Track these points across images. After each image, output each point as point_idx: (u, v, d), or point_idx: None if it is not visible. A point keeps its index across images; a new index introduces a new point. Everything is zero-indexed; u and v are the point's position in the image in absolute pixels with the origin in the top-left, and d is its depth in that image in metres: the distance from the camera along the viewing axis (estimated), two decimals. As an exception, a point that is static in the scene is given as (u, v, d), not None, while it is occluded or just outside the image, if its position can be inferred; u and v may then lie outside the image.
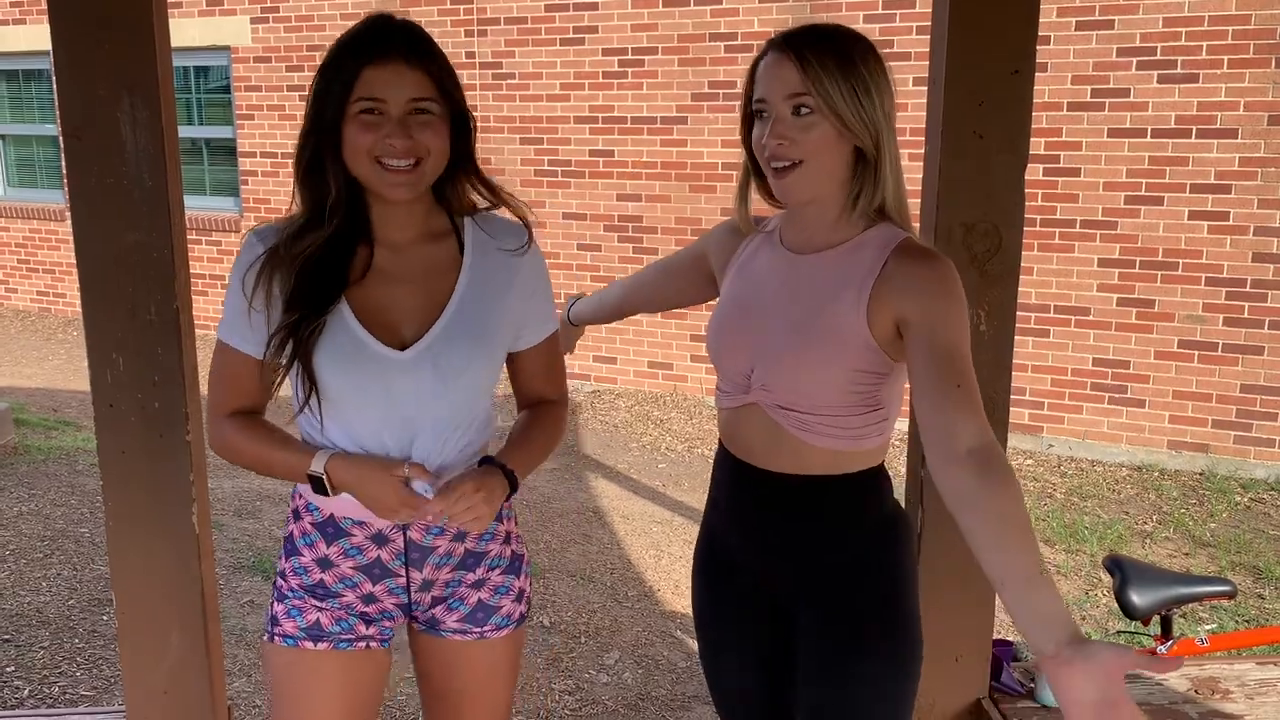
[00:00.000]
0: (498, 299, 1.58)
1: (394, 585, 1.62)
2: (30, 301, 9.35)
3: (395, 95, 1.44)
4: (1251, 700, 2.34)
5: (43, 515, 4.55)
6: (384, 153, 1.44)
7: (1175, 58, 5.33)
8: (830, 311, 1.48)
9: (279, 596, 1.63)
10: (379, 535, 1.59)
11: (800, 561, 1.59)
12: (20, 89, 9.19)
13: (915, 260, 1.45)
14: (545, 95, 6.94)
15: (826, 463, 1.53)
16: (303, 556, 1.61)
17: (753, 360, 1.54)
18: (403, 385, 1.51)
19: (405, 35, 1.47)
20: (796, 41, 1.46)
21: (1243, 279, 5.38)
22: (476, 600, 1.66)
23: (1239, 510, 5.08)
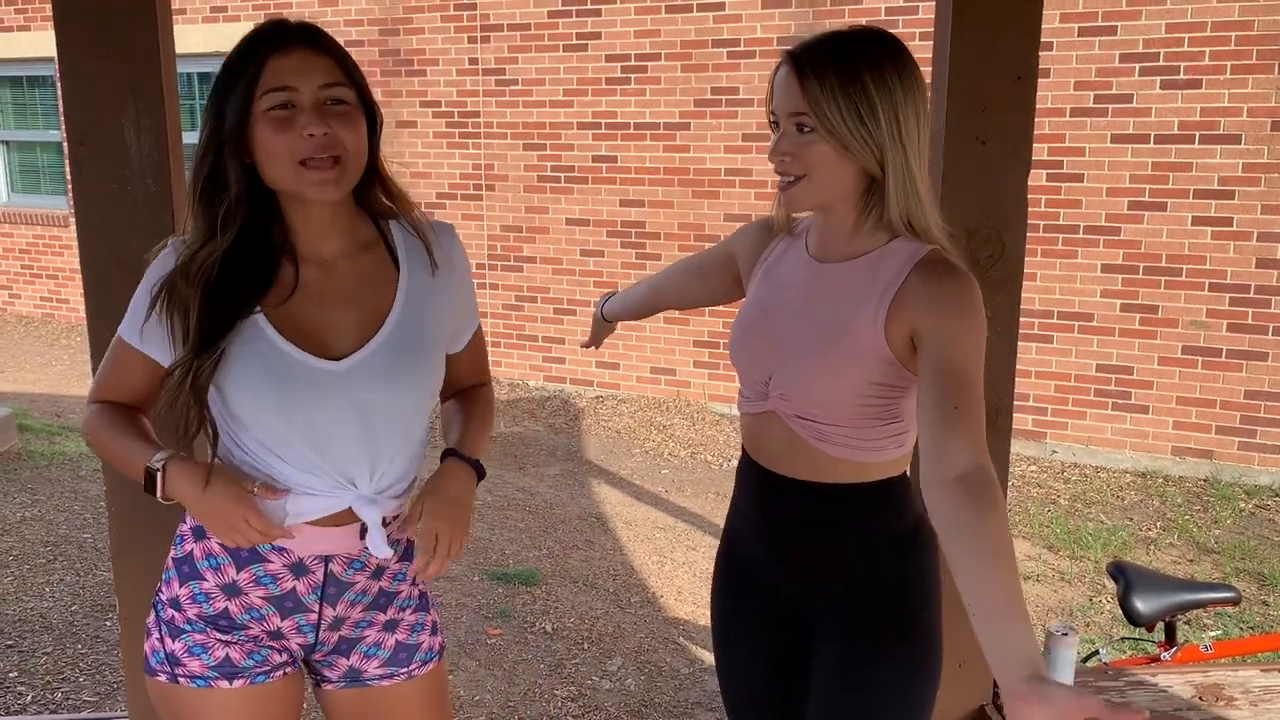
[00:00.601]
0: (435, 305, 1.50)
1: (303, 623, 1.50)
2: (34, 307, 9.36)
3: (305, 82, 1.34)
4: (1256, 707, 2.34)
5: (46, 521, 4.56)
6: (303, 150, 1.33)
7: (1178, 64, 5.33)
8: (849, 324, 1.47)
9: (172, 632, 1.48)
10: (298, 565, 1.47)
11: (817, 569, 1.59)
12: (24, 95, 9.21)
13: (935, 275, 1.43)
14: (548, 101, 6.95)
15: (844, 471, 1.52)
16: (205, 581, 1.47)
17: (771, 367, 1.54)
18: (339, 401, 1.41)
19: (306, 27, 1.39)
20: (802, 57, 1.44)
21: (1246, 285, 5.38)
22: (394, 642, 1.58)
23: (1243, 517, 5.07)
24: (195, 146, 1.39)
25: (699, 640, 3.78)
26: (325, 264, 1.45)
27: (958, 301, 1.41)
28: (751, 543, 1.68)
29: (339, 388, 1.41)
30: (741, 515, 1.71)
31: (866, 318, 1.45)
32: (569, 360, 7.19)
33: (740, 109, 6.41)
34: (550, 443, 6.16)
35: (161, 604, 1.51)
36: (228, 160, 1.36)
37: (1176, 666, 2.63)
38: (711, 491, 5.42)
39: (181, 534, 1.52)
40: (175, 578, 1.50)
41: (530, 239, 7.14)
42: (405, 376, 1.45)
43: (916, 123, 1.44)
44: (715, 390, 6.70)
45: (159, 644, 1.49)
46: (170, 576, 1.51)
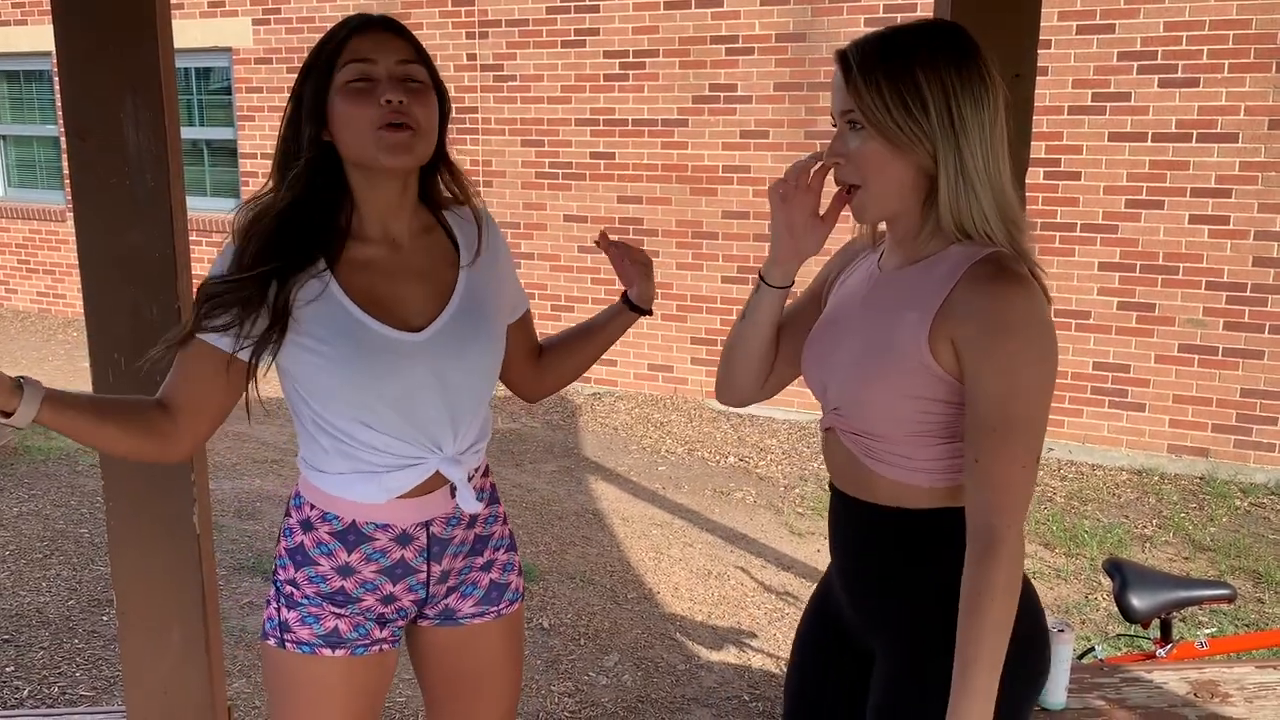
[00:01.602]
0: (492, 285, 1.63)
1: (414, 582, 1.61)
2: (30, 302, 9.35)
3: (383, 56, 1.43)
4: (1251, 704, 2.34)
5: (43, 516, 4.56)
6: (380, 117, 1.42)
7: (1176, 62, 5.33)
8: (893, 332, 1.37)
9: (289, 604, 1.59)
10: (403, 535, 1.58)
11: (870, 593, 1.51)
12: (21, 89, 9.20)
13: (981, 283, 1.31)
14: (546, 98, 6.95)
15: (899, 494, 1.41)
16: (319, 565, 1.58)
17: (825, 379, 1.48)
18: (422, 370, 1.50)
19: (385, 16, 1.50)
20: (849, 50, 1.36)
21: (1243, 283, 5.39)
22: (488, 581, 1.69)
23: (1239, 515, 5.08)
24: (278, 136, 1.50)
25: (695, 636, 3.79)
26: (393, 242, 1.54)
27: (1002, 316, 1.29)
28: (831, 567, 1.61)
29: (421, 357, 1.50)
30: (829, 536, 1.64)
31: (910, 326, 1.35)
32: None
33: (738, 105, 6.41)
34: (547, 439, 6.16)
35: (281, 582, 1.62)
36: (303, 131, 1.46)
37: (1172, 663, 2.63)
38: (708, 488, 5.43)
39: (289, 526, 1.62)
40: (290, 564, 1.60)
41: (528, 235, 7.14)
42: (476, 344, 1.56)
43: (976, 113, 1.32)
44: (712, 387, 6.70)
45: (275, 612, 1.61)
46: (285, 563, 1.61)
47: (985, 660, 1.28)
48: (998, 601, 1.28)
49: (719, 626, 3.86)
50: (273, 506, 4.84)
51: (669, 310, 6.75)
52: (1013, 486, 1.29)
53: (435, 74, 1.50)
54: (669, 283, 6.73)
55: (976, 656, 1.28)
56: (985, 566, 1.28)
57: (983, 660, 1.28)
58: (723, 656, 3.62)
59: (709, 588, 4.21)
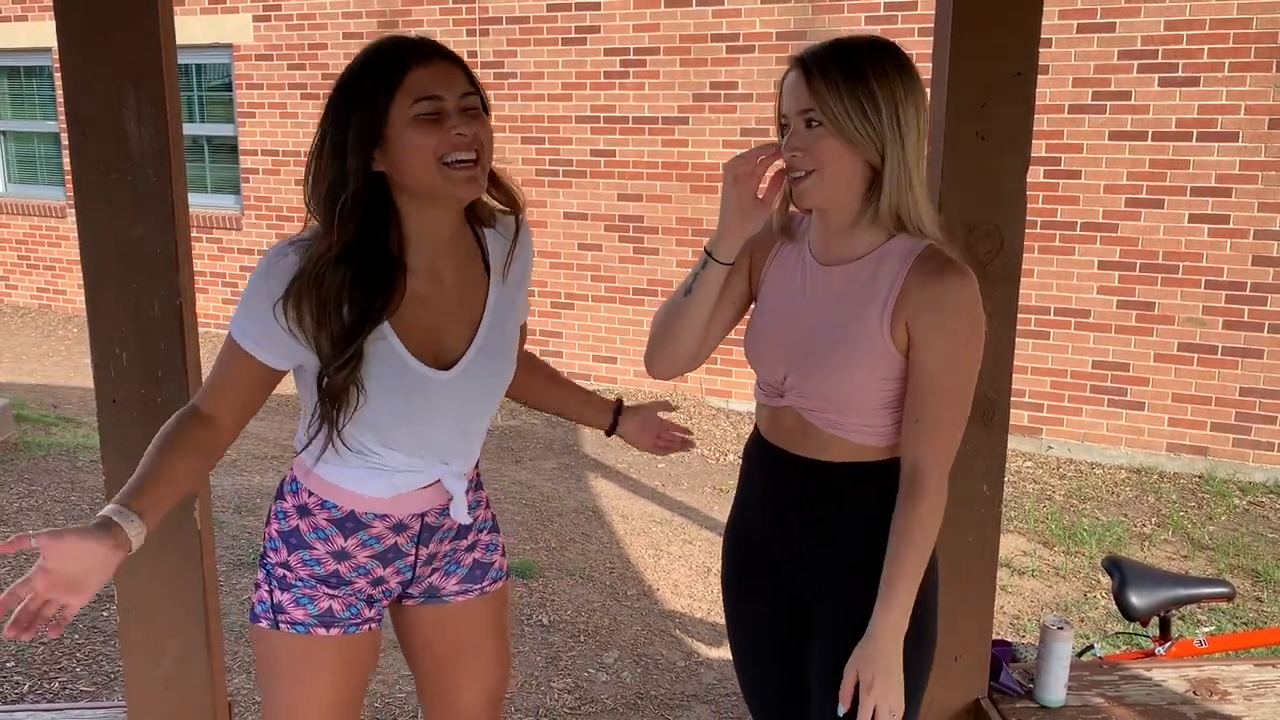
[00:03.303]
0: (514, 304, 1.67)
1: (402, 565, 1.68)
2: (30, 298, 9.35)
3: (450, 90, 1.44)
4: (1249, 701, 2.35)
5: (43, 511, 4.56)
6: (451, 148, 1.43)
7: (1176, 61, 5.33)
8: (858, 327, 1.56)
9: (282, 585, 1.63)
10: (399, 524, 1.64)
11: (820, 545, 1.66)
12: (21, 85, 9.19)
13: (930, 273, 1.53)
14: (547, 95, 6.94)
15: (856, 452, 1.61)
16: (314, 549, 1.63)
17: (786, 369, 1.63)
18: (448, 405, 1.57)
19: (432, 42, 1.49)
20: (808, 59, 1.52)
21: (1243, 282, 5.39)
22: (472, 560, 1.76)
23: (1238, 513, 5.09)
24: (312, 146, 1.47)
25: (695, 633, 3.79)
26: (437, 275, 1.55)
27: (947, 303, 1.52)
28: (758, 526, 1.76)
29: (448, 393, 1.57)
30: (749, 498, 1.78)
31: (874, 320, 1.55)
32: (566, 354, 7.19)
33: (739, 104, 6.41)
34: (547, 436, 6.17)
35: (272, 565, 1.65)
36: (350, 162, 1.43)
37: (1171, 661, 2.64)
38: (708, 485, 5.43)
39: (283, 510, 1.66)
40: (283, 546, 1.64)
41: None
42: (496, 376, 1.65)
43: (915, 118, 1.52)
44: (712, 385, 6.70)
45: (266, 595, 1.64)
46: (277, 545, 1.65)
47: (907, 580, 1.53)
48: (923, 531, 1.53)
49: (718, 623, 3.86)
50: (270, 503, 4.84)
51: (669, 308, 6.75)
52: (944, 442, 1.56)
53: (484, 96, 1.51)
54: (668, 280, 6.73)
55: (901, 573, 1.52)
56: (915, 502, 1.53)
57: (905, 579, 1.53)
58: (722, 653, 3.62)
59: (709, 584, 4.21)
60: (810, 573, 1.69)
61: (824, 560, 1.67)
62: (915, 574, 1.53)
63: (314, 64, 7.76)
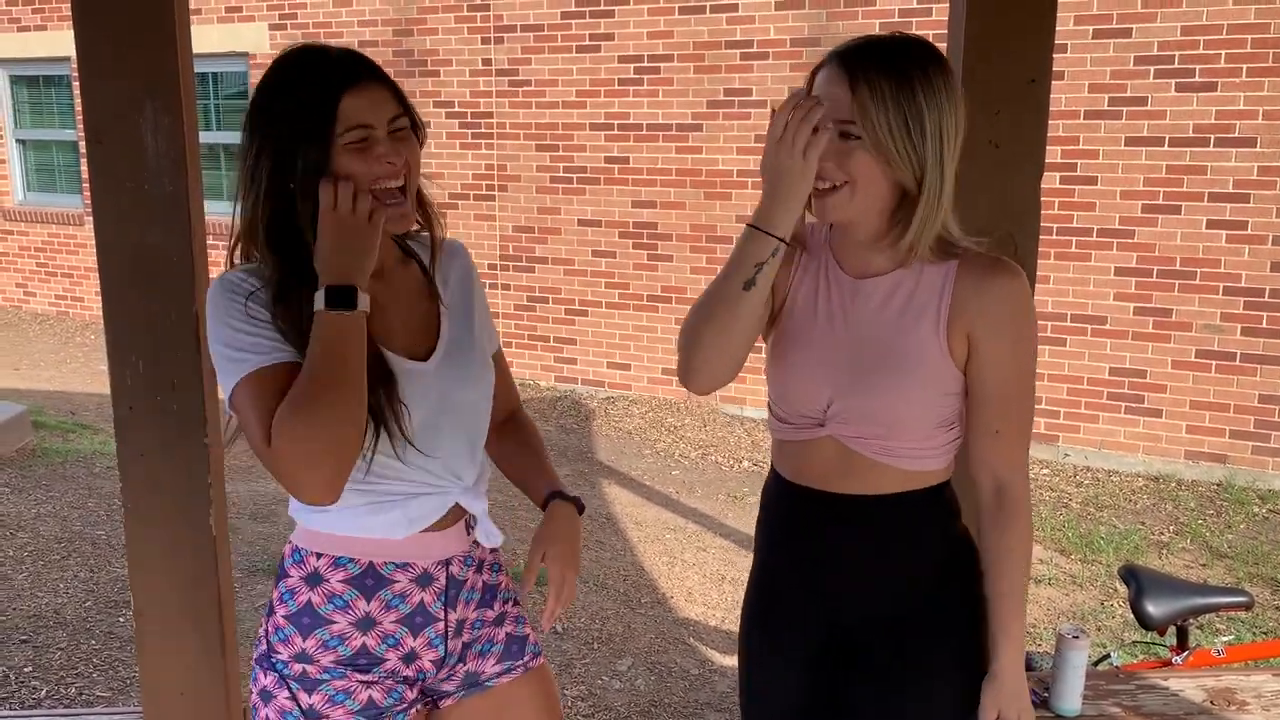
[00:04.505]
0: (470, 314, 1.60)
1: (433, 635, 1.53)
2: (49, 305, 9.42)
3: (379, 118, 1.40)
4: (1268, 712, 2.33)
5: (60, 517, 4.59)
6: (380, 175, 1.39)
7: (1193, 66, 5.31)
8: (911, 340, 1.44)
9: (306, 685, 1.45)
10: (424, 576, 1.51)
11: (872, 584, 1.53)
12: (40, 94, 9.27)
13: (980, 277, 1.42)
14: (561, 102, 6.96)
15: (906, 480, 1.49)
16: (334, 624, 1.46)
17: (831, 394, 1.47)
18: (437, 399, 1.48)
19: (361, 58, 1.43)
20: (853, 60, 1.38)
21: (1261, 288, 5.35)
22: (504, 635, 1.63)
23: (1257, 521, 5.05)
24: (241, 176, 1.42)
25: (709, 641, 3.78)
26: (382, 275, 1.48)
27: (1007, 305, 1.42)
28: (790, 575, 1.60)
29: (434, 385, 1.49)
30: (778, 547, 1.61)
31: (928, 333, 1.43)
32: (580, 361, 7.20)
33: (753, 110, 6.41)
34: (561, 443, 6.17)
35: (284, 663, 1.46)
36: (300, 203, 1.39)
37: (1188, 670, 2.62)
38: (722, 493, 5.42)
39: (288, 588, 1.49)
40: (295, 633, 1.47)
41: (542, 240, 7.16)
42: (475, 372, 1.56)
43: (957, 137, 1.40)
44: (726, 392, 6.70)
45: (290, 703, 1.45)
46: (288, 634, 1.47)
47: (1019, 606, 1.46)
48: (1025, 550, 1.47)
49: (733, 632, 3.85)
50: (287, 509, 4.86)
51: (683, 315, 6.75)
52: (1025, 451, 1.49)
53: (414, 115, 1.47)
54: (682, 287, 6.74)
55: (1014, 601, 1.46)
56: (1011, 521, 1.47)
57: (1018, 605, 1.46)
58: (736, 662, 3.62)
59: (723, 592, 4.20)
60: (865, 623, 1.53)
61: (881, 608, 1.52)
62: (1024, 598, 1.46)
63: (330, 72, 7.80)
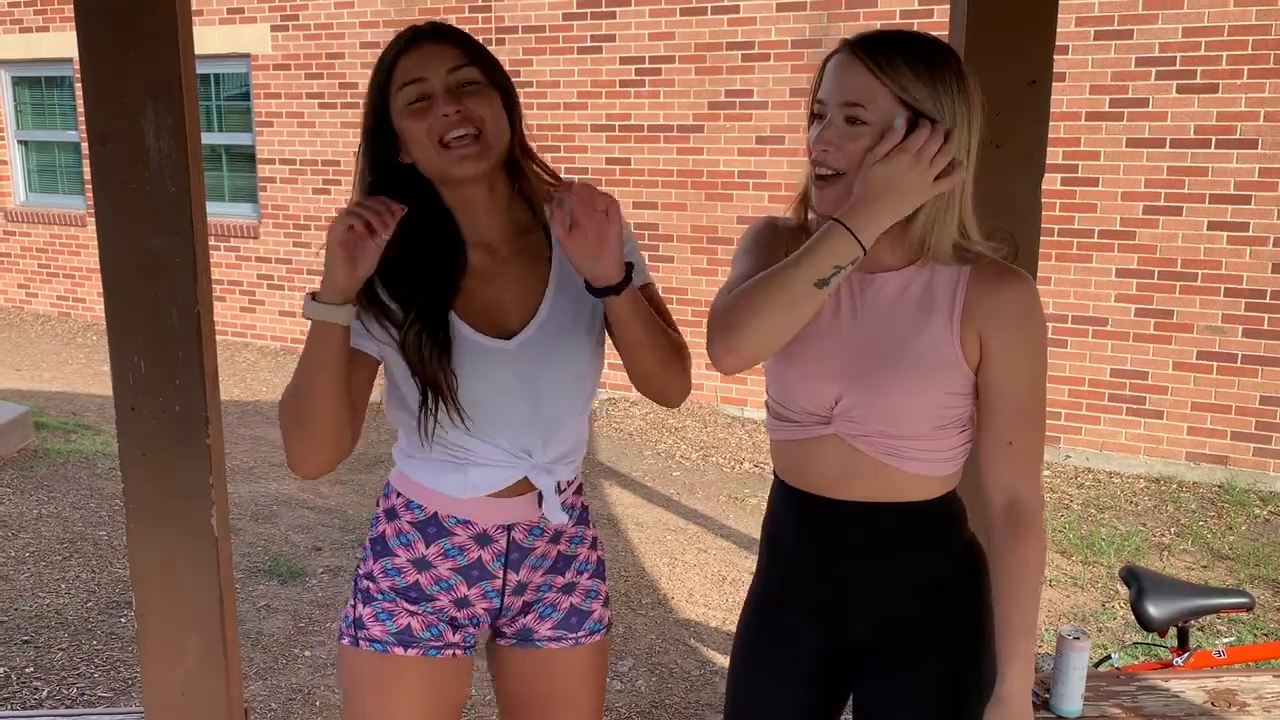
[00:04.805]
0: None
1: (489, 588, 1.59)
2: (50, 306, 9.43)
3: (433, 71, 1.42)
4: (1269, 713, 2.33)
5: (62, 518, 4.59)
6: (442, 129, 1.41)
7: (1195, 68, 5.31)
8: (924, 336, 1.40)
9: (365, 599, 1.59)
10: (482, 535, 1.56)
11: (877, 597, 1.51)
12: (43, 95, 9.28)
13: (992, 281, 1.39)
14: (562, 104, 6.97)
15: (913, 488, 1.46)
16: (397, 557, 1.58)
17: (839, 389, 1.42)
18: (511, 377, 1.50)
19: (434, 24, 1.48)
20: (867, 47, 1.34)
21: (1262, 290, 5.35)
22: (569, 605, 1.65)
23: (1258, 523, 5.04)
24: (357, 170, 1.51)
25: (710, 642, 3.78)
26: (489, 247, 1.53)
27: (1020, 312, 1.39)
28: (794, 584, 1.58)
29: (510, 365, 1.50)
30: (782, 553, 1.59)
31: (940, 328, 1.39)
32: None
33: (754, 111, 6.41)
34: (562, 444, 6.17)
35: (359, 576, 1.62)
36: (381, 156, 1.47)
37: (1189, 672, 2.62)
38: (723, 494, 5.43)
39: (375, 516, 1.63)
40: (370, 556, 1.61)
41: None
42: (567, 351, 1.53)
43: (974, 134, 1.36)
44: (727, 393, 6.70)
45: (351, 609, 1.61)
46: (367, 555, 1.62)
47: (1029, 627, 1.41)
48: (1037, 569, 1.41)
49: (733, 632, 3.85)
50: (288, 510, 4.87)
51: (684, 316, 6.75)
52: (1039, 461, 1.43)
53: (494, 68, 1.48)
54: (683, 288, 6.74)
55: (1022, 621, 1.41)
56: (1023, 537, 1.41)
57: (1030, 627, 1.41)
58: (737, 662, 3.62)
59: (724, 593, 4.20)
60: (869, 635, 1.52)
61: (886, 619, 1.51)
62: (1035, 619, 1.40)
63: (331, 74, 7.81)
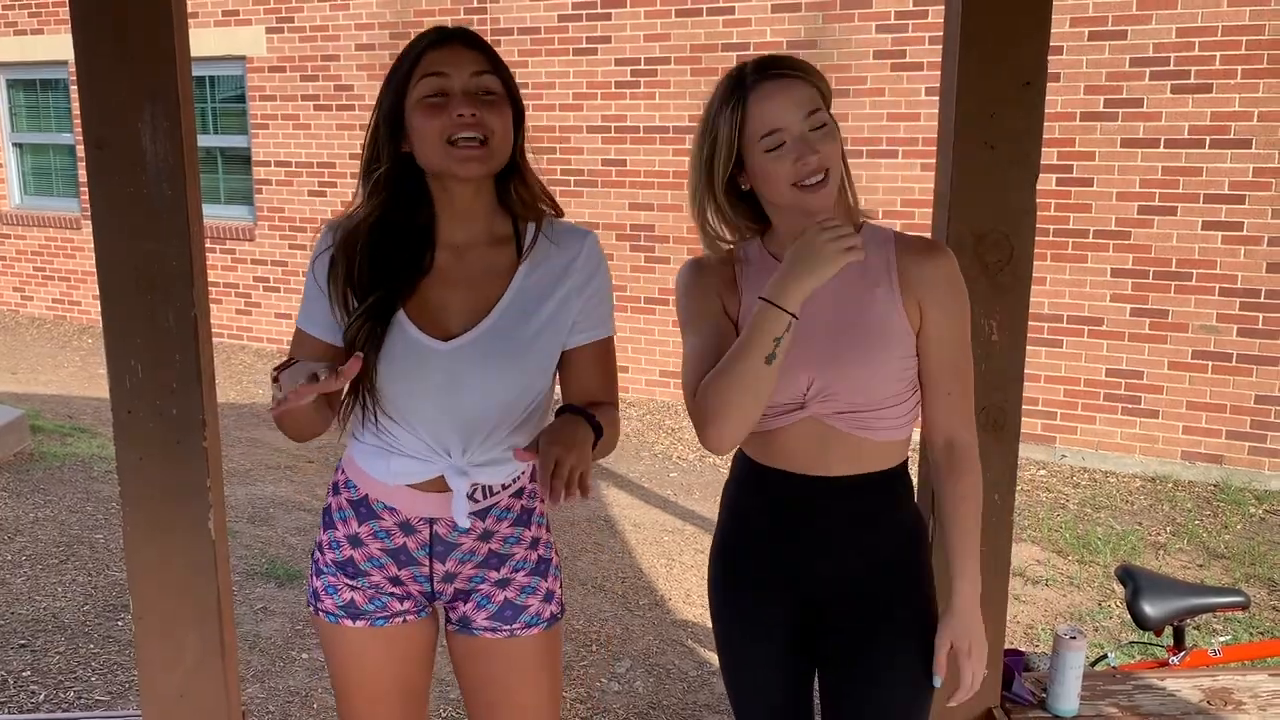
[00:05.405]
0: (543, 306, 1.58)
1: (418, 574, 1.66)
2: (46, 309, 9.42)
3: (458, 69, 1.47)
4: (1264, 712, 2.33)
5: (58, 521, 4.59)
6: (454, 129, 1.46)
7: (1189, 68, 5.33)
8: (876, 310, 1.55)
9: (317, 571, 1.70)
10: (405, 524, 1.63)
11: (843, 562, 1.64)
12: (37, 98, 9.27)
13: (924, 255, 1.57)
14: (558, 105, 6.97)
15: (880, 457, 1.61)
16: (338, 530, 1.67)
17: (811, 374, 1.55)
18: (438, 377, 1.54)
19: (461, 28, 1.55)
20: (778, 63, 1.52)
21: (1257, 289, 5.37)
22: (503, 599, 1.68)
23: (1253, 522, 5.06)
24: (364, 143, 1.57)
25: (707, 643, 3.79)
26: (457, 249, 1.57)
27: (947, 277, 1.56)
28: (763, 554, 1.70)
29: (439, 365, 1.54)
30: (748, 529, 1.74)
31: (885, 299, 1.55)
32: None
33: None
34: (559, 445, 6.17)
35: (315, 547, 1.72)
36: (383, 142, 1.52)
37: (1185, 671, 2.63)
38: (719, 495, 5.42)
39: (329, 488, 1.71)
40: (322, 525, 1.70)
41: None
42: (504, 361, 1.55)
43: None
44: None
45: (311, 580, 1.71)
46: (321, 525, 1.71)
47: (975, 548, 1.58)
48: (976, 498, 1.59)
49: (731, 633, 3.86)
50: (285, 512, 4.86)
51: (680, 317, 6.76)
52: (971, 407, 1.62)
53: (511, 83, 1.54)
54: (680, 289, 6.74)
55: (968, 545, 1.57)
56: (963, 472, 1.59)
57: (973, 548, 1.58)
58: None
59: (720, 594, 4.20)
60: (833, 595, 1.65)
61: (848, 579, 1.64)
62: (977, 540, 1.58)
63: (326, 75, 7.80)
